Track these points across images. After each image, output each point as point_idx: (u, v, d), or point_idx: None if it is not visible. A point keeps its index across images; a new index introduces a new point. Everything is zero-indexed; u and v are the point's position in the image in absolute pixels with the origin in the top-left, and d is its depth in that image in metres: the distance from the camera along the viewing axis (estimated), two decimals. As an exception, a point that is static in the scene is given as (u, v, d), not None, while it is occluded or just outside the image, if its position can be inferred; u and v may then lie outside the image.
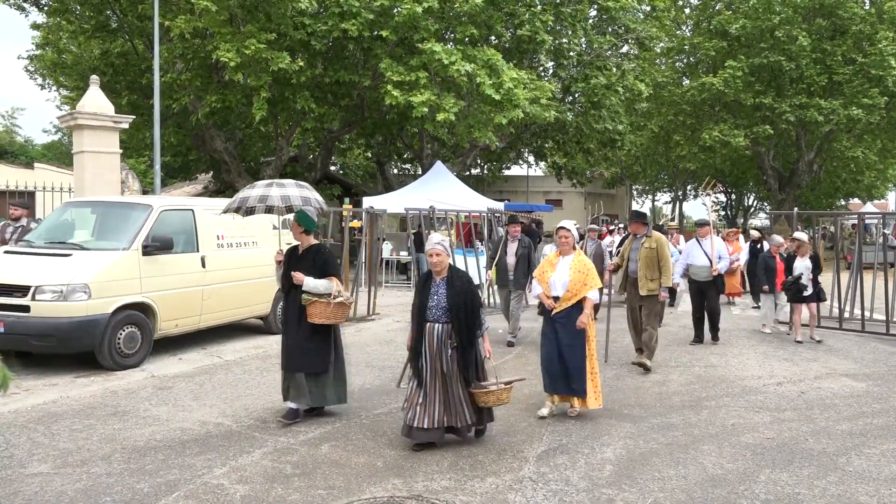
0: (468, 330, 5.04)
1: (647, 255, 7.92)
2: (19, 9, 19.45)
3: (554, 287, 6.02)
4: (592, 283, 5.93)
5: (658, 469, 4.82)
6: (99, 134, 12.38)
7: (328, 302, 5.66)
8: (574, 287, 5.92)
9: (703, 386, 7.27)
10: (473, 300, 5.11)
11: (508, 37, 19.50)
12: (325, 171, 23.34)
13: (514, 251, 9.50)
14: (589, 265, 6.03)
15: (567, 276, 5.96)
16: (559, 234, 6.14)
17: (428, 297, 5.12)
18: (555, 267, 6.10)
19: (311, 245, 5.97)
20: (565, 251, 6.11)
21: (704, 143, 25.13)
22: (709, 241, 9.77)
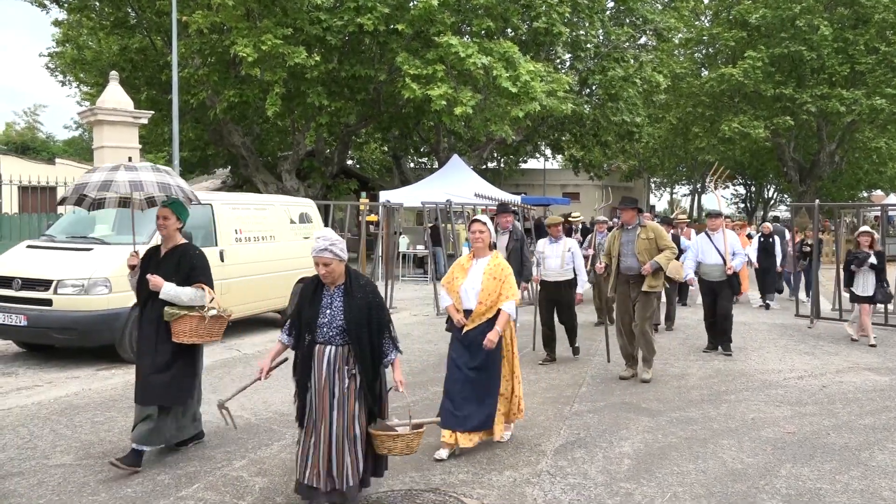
0: (373, 355, 3.86)
1: (647, 247, 6.98)
2: (41, 6, 19.68)
3: (466, 297, 4.88)
4: (509, 293, 4.86)
5: (677, 463, 4.79)
6: (119, 129, 12.50)
7: (202, 315, 4.65)
8: (488, 298, 4.82)
9: (722, 380, 7.20)
10: (380, 315, 3.91)
11: (525, 29, 19.40)
12: (341, 165, 23.40)
13: (505, 245, 8.29)
14: (507, 271, 4.93)
15: (479, 285, 4.84)
16: (472, 228, 4.93)
17: (318, 312, 3.87)
18: (467, 272, 4.95)
19: (176, 245, 4.84)
20: (479, 252, 4.96)
21: (724, 135, 24.86)
22: (721, 236, 8.60)
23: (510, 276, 4.92)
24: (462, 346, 4.93)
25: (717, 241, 8.56)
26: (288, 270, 9.97)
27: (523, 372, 6.86)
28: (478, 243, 4.94)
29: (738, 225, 14.27)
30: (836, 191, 34.30)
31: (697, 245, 8.80)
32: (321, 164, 21.66)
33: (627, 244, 7.10)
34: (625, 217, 7.24)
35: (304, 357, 3.91)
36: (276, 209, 10.04)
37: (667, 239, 7.02)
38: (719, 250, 8.50)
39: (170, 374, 4.62)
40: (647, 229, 7.07)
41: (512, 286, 4.90)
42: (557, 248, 7.94)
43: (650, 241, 6.99)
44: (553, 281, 7.94)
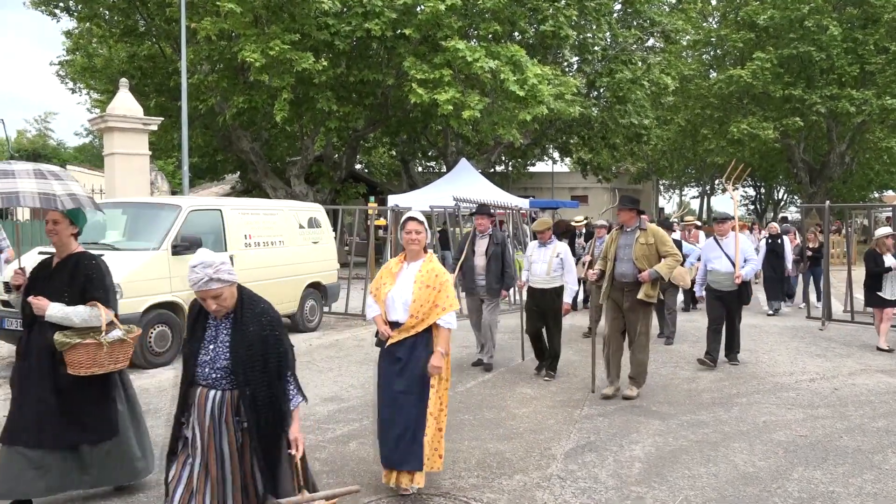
0: (270, 405, 2.97)
1: (646, 253, 6.35)
2: (51, 15, 19.87)
3: (392, 307, 4.21)
4: (446, 304, 4.17)
5: (688, 467, 4.77)
6: (128, 136, 12.59)
7: (98, 341, 3.82)
8: (419, 309, 4.12)
9: (733, 383, 7.17)
10: (279, 352, 3.02)
11: (532, 33, 19.41)
12: (350, 169, 23.46)
13: (484, 249, 7.67)
14: (442, 277, 4.21)
15: (409, 293, 4.17)
16: (407, 228, 4.26)
17: (199, 347, 3.04)
18: (395, 278, 4.27)
19: (70, 254, 4.04)
20: (412, 255, 4.31)
21: (732, 137, 24.74)
22: (731, 240, 7.83)
23: (447, 284, 4.21)
24: (388, 364, 4.24)
25: (727, 247, 7.81)
26: (297, 275, 10.01)
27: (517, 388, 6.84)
28: (413, 245, 4.25)
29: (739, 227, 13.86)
30: (847, 192, 34.08)
31: (705, 252, 8.11)
32: (330, 169, 21.73)
33: (624, 248, 6.47)
34: (623, 218, 6.57)
35: (181, 400, 3.09)
36: (285, 214, 10.09)
37: (669, 244, 6.40)
38: (730, 256, 7.74)
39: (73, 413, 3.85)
40: (647, 233, 6.42)
41: (449, 295, 4.19)
42: (545, 252, 7.35)
43: (650, 246, 6.36)
44: (539, 288, 7.34)
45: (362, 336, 9.82)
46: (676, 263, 6.40)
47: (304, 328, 10.24)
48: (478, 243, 7.79)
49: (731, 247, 7.77)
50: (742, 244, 7.79)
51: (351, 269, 12.81)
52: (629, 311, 6.47)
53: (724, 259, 7.79)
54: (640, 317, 6.46)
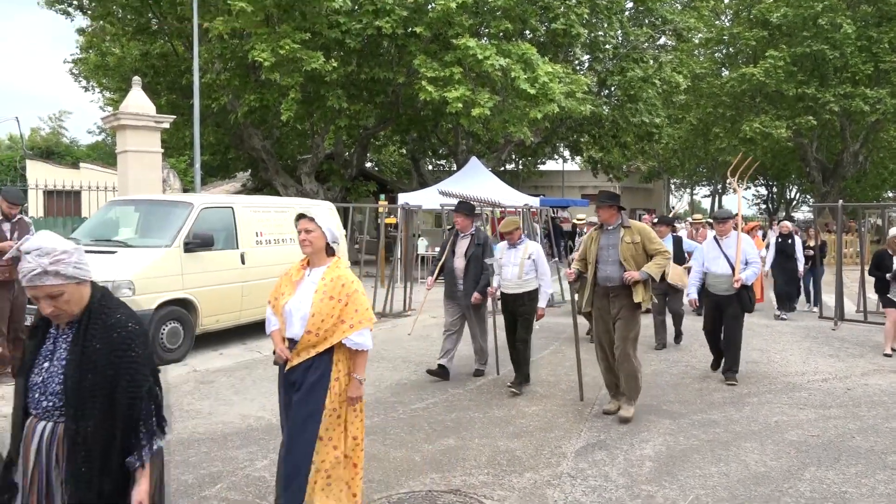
0: (102, 454, 2.24)
1: (634, 253, 5.74)
2: (65, 13, 20.01)
3: (290, 322, 3.54)
4: (355, 320, 3.49)
5: (699, 466, 4.75)
6: (141, 134, 12.66)
7: None
8: (319, 325, 3.45)
9: (744, 382, 7.13)
10: (134, 380, 2.27)
11: (543, 31, 19.36)
12: (360, 167, 23.50)
13: (464, 251, 7.09)
14: (351, 287, 3.52)
15: (308, 305, 3.49)
16: (299, 226, 3.64)
17: (34, 364, 2.35)
18: (296, 287, 3.62)
19: None
20: (313, 259, 3.65)
21: (745, 136, 24.60)
22: (733, 241, 7.21)
23: (357, 295, 3.52)
24: (285, 390, 3.66)
25: (728, 247, 7.19)
26: (308, 273, 10.04)
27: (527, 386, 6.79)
28: (305, 247, 3.60)
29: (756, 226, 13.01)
30: (861, 191, 33.82)
31: (703, 252, 7.42)
32: (340, 167, 21.78)
33: (608, 249, 5.83)
34: (603, 216, 5.91)
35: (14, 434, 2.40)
36: (295, 212, 10.10)
37: (657, 242, 5.85)
38: (729, 258, 7.12)
39: None
40: (631, 231, 5.82)
41: (359, 309, 3.50)
42: (516, 254, 6.81)
43: (636, 245, 5.75)
44: (511, 293, 6.79)
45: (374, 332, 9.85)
46: (666, 261, 5.82)
47: (315, 325, 10.26)
48: (458, 244, 7.21)
49: (732, 247, 7.15)
50: (744, 245, 7.15)
51: (361, 267, 12.83)
52: (617, 318, 5.83)
53: (723, 260, 7.14)
54: (628, 322, 5.80)
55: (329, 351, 3.52)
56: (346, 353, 3.56)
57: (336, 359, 3.54)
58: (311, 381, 3.50)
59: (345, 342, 3.51)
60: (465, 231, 7.18)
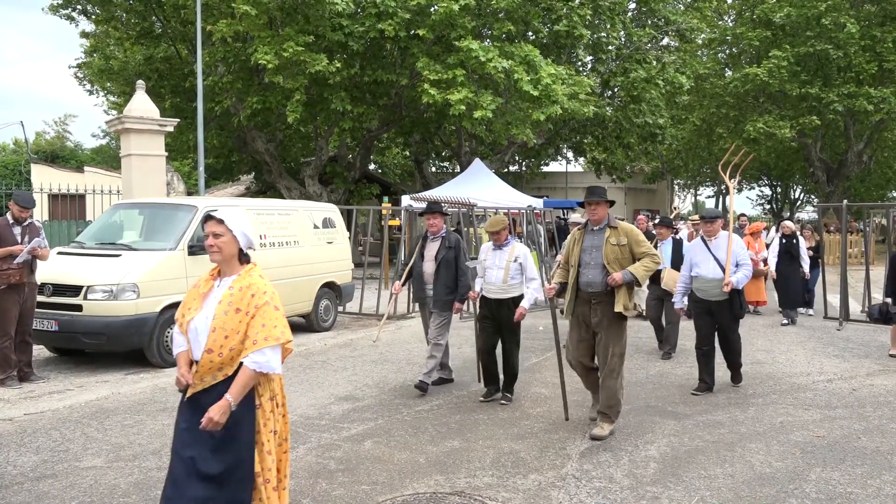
0: None
1: (619, 256, 5.28)
2: (69, 19, 20.11)
3: (196, 341, 3.03)
4: (260, 336, 2.96)
5: (704, 467, 4.74)
6: (145, 137, 12.70)
7: None
8: (223, 344, 2.95)
9: (749, 383, 7.12)
10: None
11: (546, 32, 19.37)
12: (364, 170, 23.53)
13: (434, 254, 6.68)
14: (263, 298, 3.03)
15: (210, 320, 2.99)
16: (206, 229, 3.13)
17: None
18: (203, 300, 3.10)
19: None
20: (226, 267, 3.14)
21: (748, 136, 24.57)
22: (722, 242, 6.71)
23: (267, 307, 3.01)
24: (183, 420, 3.06)
25: (717, 249, 6.68)
26: (312, 275, 10.07)
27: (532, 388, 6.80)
28: (213, 254, 3.09)
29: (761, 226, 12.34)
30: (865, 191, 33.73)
31: (690, 254, 6.86)
32: (344, 169, 21.82)
33: (591, 251, 5.36)
34: (598, 213, 5.41)
35: None
36: (299, 214, 10.14)
37: (645, 244, 5.36)
38: (719, 260, 6.62)
39: None
40: (618, 231, 5.36)
41: (266, 324, 2.98)
42: (502, 256, 6.30)
43: (622, 247, 5.30)
44: (495, 298, 6.27)
45: (376, 336, 9.85)
46: (655, 265, 5.33)
47: (319, 328, 10.29)
48: (428, 247, 6.78)
49: (722, 249, 6.65)
50: (735, 247, 6.65)
51: (365, 269, 12.85)
52: (599, 328, 5.36)
53: (712, 263, 6.63)
54: (613, 334, 5.32)
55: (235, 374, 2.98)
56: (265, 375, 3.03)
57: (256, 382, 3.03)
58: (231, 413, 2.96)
59: (243, 361, 2.94)
60: (436, 233, 6.77)
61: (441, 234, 6.78)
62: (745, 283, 6.62)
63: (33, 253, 6.91)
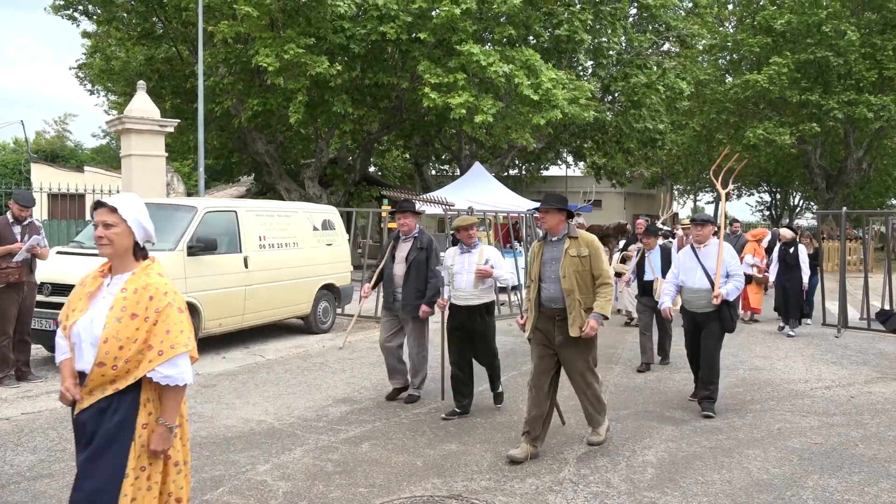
0: None
1: (578, 268, 4.87)
2: (71, 19, 20.13)
3: (79, 350, 2.65)
4: (166, 345, 2.62)
5: (701, 473, 4.74)
6: (145, 137, 12.71)
7: None
8: (116, 355, 2.57)
9: (747, 389, 7.12)
10: None
11: (547, 37, 19.40)
12: (364, 172, 23.54)
13: (405, 255, 6.27)
14: (164, 301, 2.65)
15: (101, 326, 2.60)
16: (96, 217, 2.76)
17: None
18: (90, 300, 2.72)
19: None
20: (118, 263, 2.75)
21: (748, 142, 24.63)
22: (713, 250, 6.24)
23: (171, 310, 2.64)
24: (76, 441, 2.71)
25: (706, 257, 6.25)
26: (311, 277, 10.06)
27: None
28: (102, 247, 2.70)
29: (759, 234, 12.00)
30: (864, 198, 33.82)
31: (678, 262, 6.49)
32: (344, 172, 21.84)
33: (551, 263, 4.95)
34: (549, 223, 4.99)
35: None
36: (299, 216, 10.14)
37: (604, 265, 4.95)
38: (707, 270, 6.18)
39: None
40: (578, 242, 4.94)
41: (173, 329, 2.63)
42: (471, 260, 5.90)
43: (582, 259, 4.88)
44: (463, 305, 5.90)
45: (375, 337, 9.85)
46: (611, 292, 4.96)
47: (318, 329, 10.28)
48: (399, 248, 6.38)
49: (711, 258, 6.22)
50: (726, 256, 6.18)
51: (364, 271, 12.83)
52: (564, 348, 4.94)
53: (700, 272, 6.19)
54: (580, 352, 4.95)
55: (135, 387, 2.61)
56: (158, 389, 2.66)
57: (145, 398, 2.64)
58: (106, 430, 2.57)
59: (151, 375, 2.60)
60: (408, 233, 6.35)
61: (413, 234, 6.35)
62: (735, 294, 6.14)
63: (32, 251, 6.92)
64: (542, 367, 5.03)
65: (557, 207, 4.97)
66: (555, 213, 4.97)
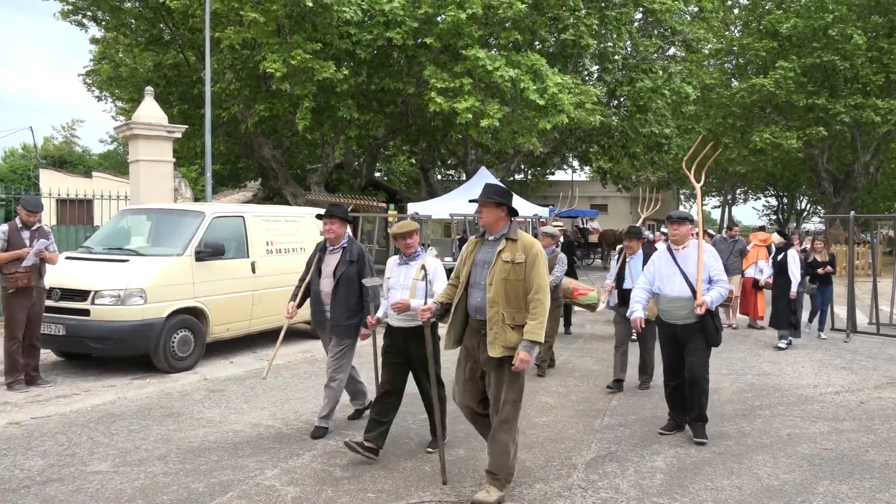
0: None
1: (509, 276, 4.08)
2: (79, 25, 20.27)
3: None
4: None
5: (711, 479, 4.72)
6: (153, 143, 12.75)
7: None
8: None
9: (756, 394, 7.09)
10: None
11: (552, 41, 19.44)
12: (370, 177, 23.59)
13: (333, 269, 5.46)
14: None
15: None
16: None
17: None
18: None
19: None
20: None
21: (755, 146, 24.60)
22: (692, 252, 5.46)
23: None
24: None
25: (685, 261, 5.44)
26: (318, 282, 10.07)
27: (537, 397, 6.75)
28: None
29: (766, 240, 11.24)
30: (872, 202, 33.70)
31: (654, 267, 5.64)
32: (350, 177, 21.90)
33: (482, 267, 4.21)
34: (484, 218, 4.22)
35: None
36: (306, 221, 10.16)
37: (540, 275, 4.10)
38: (687, 275, 5.41)
39: None
40: (515, 246, 4.14)
41: None
42: (408, 272, 4.97)
43: (516, 266, 4.08)
44: (399, 326, 4.94)
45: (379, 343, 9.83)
46: (543, 311, 4.06)
47: (324, 335, 10.28)
48: (326, 260, 5.54)
49: (691, 261, 5.44)
50: (708, 259, 5.43)
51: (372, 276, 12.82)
52: (489, 366, 4.20)
53: (679, 278, 5.42)
54: (506, 376, 4.13)
55: None
56: None
57: None
58: None
59: None
60: (335, 243, 5.52)
61: (342, 244, 5.51)
62: (720, 302, 5.44)
63: (41, 256, 6.95)
64: (469, 390, 4.38)
65: (496, 201, 4.17)
66: (492, 208, 4.18)
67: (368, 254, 5.72)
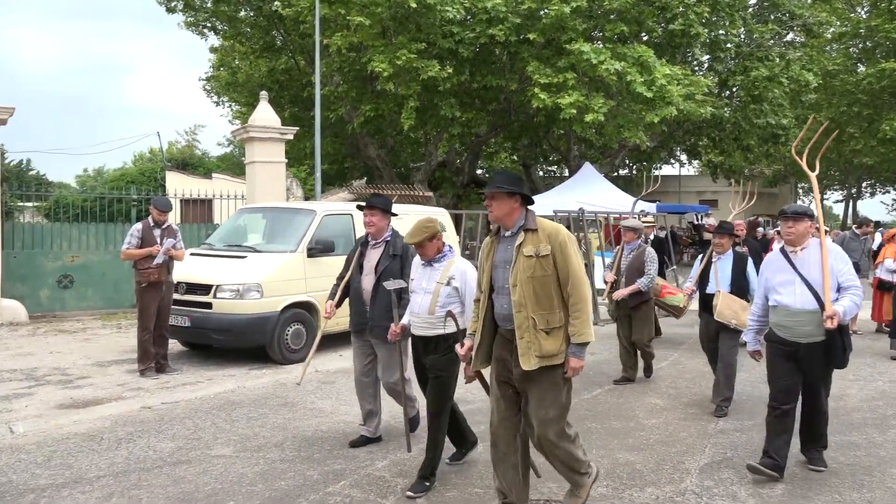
0: None
1: (535, 274, 3.50)
2: (201, 34, 21.60)
3: None
4: None
5: (838, 491, 4.43)
6: (267, 145, 13.38)
7: None
8: None
9: (888, 403, 6.58)
10: None
11: (660, 32, 18.82)
12: (472, 175, 23.73)
13: (374, 265, 5.01)
14: None
15: None
16: None
17: None
18: None
19: None
20: None
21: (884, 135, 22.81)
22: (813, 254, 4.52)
23: None
24: None
25: (805, 265, 4.50)
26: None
27: (646, 398, 6.52)
28: None
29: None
30: None
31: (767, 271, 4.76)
32: (452, 174, 22.11)
33: (502, 267, 3.64)
34: (495, 212, 3.63)
35: None
36: (411, 218, 10.31)
37: (572, 262, 3.53)
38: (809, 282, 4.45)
39: None
40: (536, 237, 3.56)
41: None
42: (432, 276, 4.49)
43: (542, 260, 3.51)
44: (418, 335, 4.51)
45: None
46: (587, 310, 3.54)
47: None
48: (368, 256, 5.08)
49: (814, 265, 4.49)
50: (835, 261, 4.49)
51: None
52: (525, 382, 3.59)
53: (800, 287, 4.48)
54: (547, 389, 3.56)
55: None
56: None
57: None
58: None
59: None
60: (377, 237, 5.05)
61: (385, 237, 5.06)
62: (854, 313, 4.55)
63: (168, 253, 7.45)
64: (503, 410, 3.71)
65: (507, 191, 3.60)
66: (504, 199, 3.61)
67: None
